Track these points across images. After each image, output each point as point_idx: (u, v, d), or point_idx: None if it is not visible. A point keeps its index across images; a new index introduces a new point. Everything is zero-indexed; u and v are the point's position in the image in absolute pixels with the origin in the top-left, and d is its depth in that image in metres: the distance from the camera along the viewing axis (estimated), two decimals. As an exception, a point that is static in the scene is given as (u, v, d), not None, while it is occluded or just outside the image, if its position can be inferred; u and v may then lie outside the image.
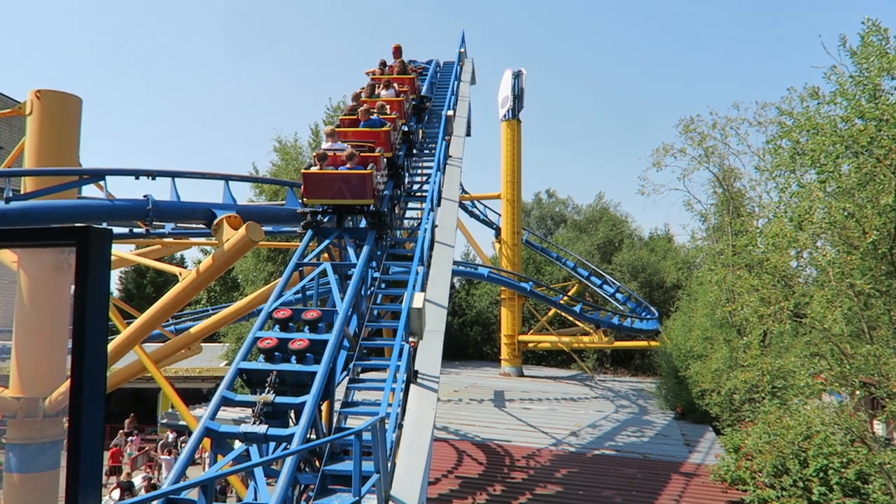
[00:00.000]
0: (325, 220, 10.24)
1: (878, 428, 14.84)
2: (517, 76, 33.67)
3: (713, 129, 21.14)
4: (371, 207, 10.10)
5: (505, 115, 33.58)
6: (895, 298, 10.96)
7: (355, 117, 11.94)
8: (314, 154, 10.40)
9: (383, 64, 14.98)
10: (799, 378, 12.48)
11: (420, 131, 14.92)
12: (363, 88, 13.50)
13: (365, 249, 9.54)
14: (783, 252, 12.84)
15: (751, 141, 41.46)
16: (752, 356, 14.88)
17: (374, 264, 10.26)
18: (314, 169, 10.00)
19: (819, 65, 11.58)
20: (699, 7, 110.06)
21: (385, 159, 11.13)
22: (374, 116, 11.93)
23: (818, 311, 11.62)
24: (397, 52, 15.36)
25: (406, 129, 13.20)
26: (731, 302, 16.73)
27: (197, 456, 13.01)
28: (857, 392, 11.97)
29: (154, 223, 10.30)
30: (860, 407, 12.50)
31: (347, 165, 10.01)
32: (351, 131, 11.54)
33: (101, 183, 9.96)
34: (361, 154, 10.34)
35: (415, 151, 14.55)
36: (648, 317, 33.28)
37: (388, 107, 12.57)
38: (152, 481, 16.56)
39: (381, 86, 13.64)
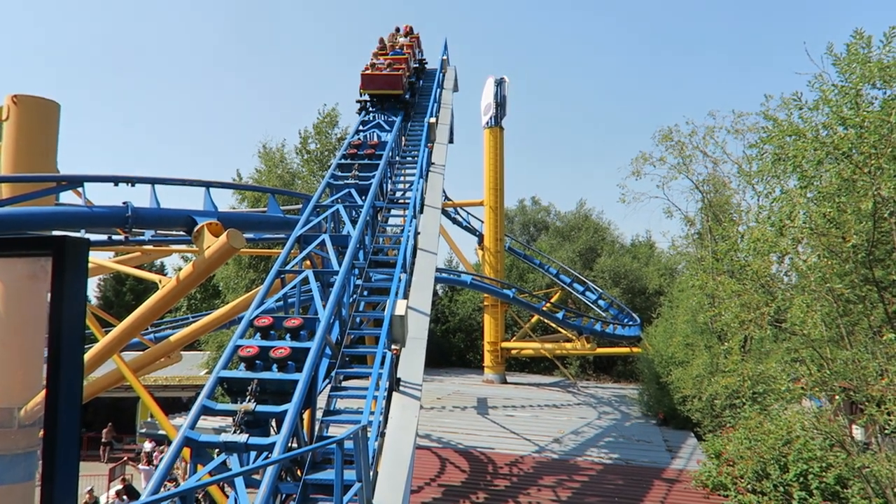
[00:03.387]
0: (372, 109, 16.79)
1: (857, 432, 15.01)
2: (500, 84, 33.82)
3: (691, 138, 21.40)
4: (401, 96, 16.93)
5: (488, 123, 33.71)
6: (873, 303, 11.12)
7: (385, 51, 18.57)
8: (367, 65, 17.23)
9: (397, 28, 20.65)
10: (779, 383, 12.60)
11: (420, 72, 20.17)
12: (386, 38, 19.63)
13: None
14: (764, 257, 12.98)
15: (729, 149, 41.95)
16: (733, 362, 15.02)
17: (356, 272, 10.26)
18: (368, 71, 16.87)
19: (803, 71, 11.69)
20: (683, 14, 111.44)
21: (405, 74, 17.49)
22: (398, 49, 18.78)
23: (798, 315, 11.75)
24: (406, 27, 21.28)
25: (416, 66, 20.07)
26: (712, 307, 16.88)
27: (175, 467, 12.85)
28: (837, 397, 12.11)
29: (133, 230, 10.20)
30: (839, 411, 12.64)
31: (387, 71, 16.97)
32: (385, 57, 18.04)
33: (80, 189, 9.84)
34: (394, 66, 17.25)
35: (398, 159, 14.86)
36: (630, 323, 33.48)
37: (405, 47, 19.04)
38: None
39: (398, 37, 20.09)
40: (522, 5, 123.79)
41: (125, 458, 22.38)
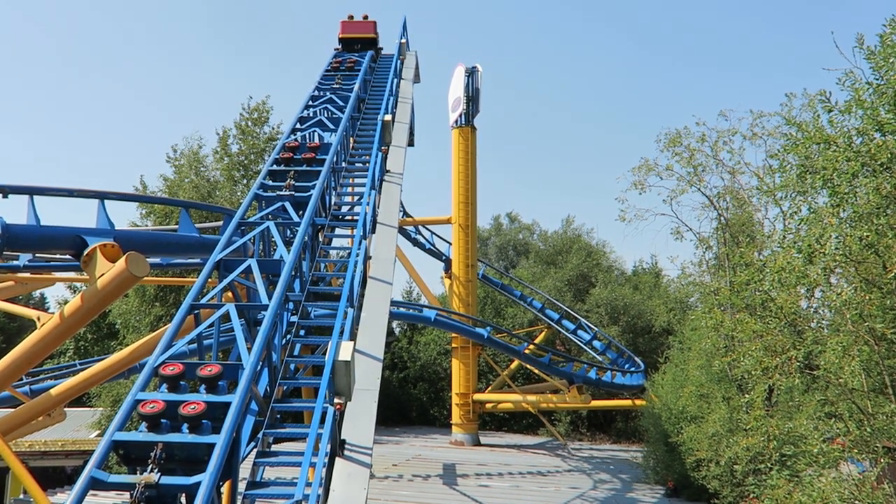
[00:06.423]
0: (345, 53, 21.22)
1: (906, 503, 15.30)
2: (471, 73, 34.24)
3: (702, 144, 21.80)
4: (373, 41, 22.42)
5: (457, 121, 34.03)
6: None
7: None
8: (346, 18, 22.67)
9: (350, 17, 23.15)
10: (811, 443, 12.80)
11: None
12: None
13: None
14: (791, 290, 13.23)
15: (748, 157, 42.91)
16: (756, 417, 15.23)
17: (290, 306, 10.21)
18: (347, 19, 22.58)
19: (831, 67, 11.92)
20: (693, 12, 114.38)
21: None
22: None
23: (832, 360, 11.98)
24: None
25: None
26: (730, 351, 17.13)
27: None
28: (882, 460, 12.33)
29: (5, 253, 10.03)
30: (884, 477, 12.86)
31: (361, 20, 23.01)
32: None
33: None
34: (366, 20, 22.63)
35: (345, 165, 14.86)
36: (633, 369, 33.74)
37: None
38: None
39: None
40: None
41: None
